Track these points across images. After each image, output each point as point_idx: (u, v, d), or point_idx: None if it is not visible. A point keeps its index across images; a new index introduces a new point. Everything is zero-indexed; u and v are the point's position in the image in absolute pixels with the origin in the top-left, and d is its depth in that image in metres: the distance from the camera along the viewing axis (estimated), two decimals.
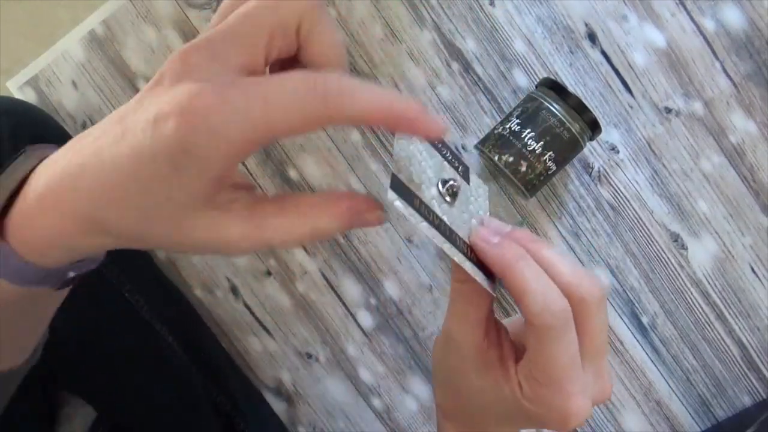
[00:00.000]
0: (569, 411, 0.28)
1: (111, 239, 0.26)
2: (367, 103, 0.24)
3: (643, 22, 0.65)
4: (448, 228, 0.29)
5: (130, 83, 0.67)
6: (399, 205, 0.26)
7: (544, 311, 0.27)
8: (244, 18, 0.25)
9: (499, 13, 0.66)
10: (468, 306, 0.30)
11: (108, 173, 0.24)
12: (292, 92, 0.23)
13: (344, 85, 0.24)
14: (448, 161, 0.32)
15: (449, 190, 0.30)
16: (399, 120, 0.25)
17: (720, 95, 0.65)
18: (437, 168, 0.31)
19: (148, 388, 0.58)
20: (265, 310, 0.69)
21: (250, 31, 0.25)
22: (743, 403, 0.67)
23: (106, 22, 0.66)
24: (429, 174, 0.30)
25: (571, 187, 0.66)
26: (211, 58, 0.24)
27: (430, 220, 0.28)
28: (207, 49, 0.24)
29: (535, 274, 0.28)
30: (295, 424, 0.70)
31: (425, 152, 0.31)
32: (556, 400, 0.28)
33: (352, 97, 0.24)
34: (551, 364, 0.27)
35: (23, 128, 0.55)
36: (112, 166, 0.24)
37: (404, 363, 0.69)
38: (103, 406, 0.58)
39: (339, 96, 0.23)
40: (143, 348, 0.58)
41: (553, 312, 0.27)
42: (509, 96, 0.66)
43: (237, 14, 0.25)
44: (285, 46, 0.26)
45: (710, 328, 0.67)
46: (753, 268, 0.66)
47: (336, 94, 0.23)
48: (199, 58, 0.24)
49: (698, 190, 0.66)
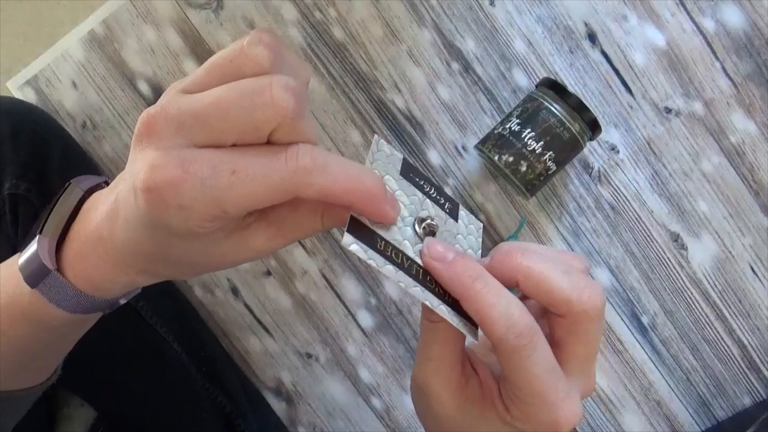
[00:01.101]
0: (559, 420, 0.27)
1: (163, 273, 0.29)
2: (336, 182, 0.24)
3: (643, 22, 0.65)
4: (422, 270, 0.27)
5: (130, 83, 0.67)
6: (356, 248, 0.25)
7: (508, 334, 0.25)
8: (217, 110, 0.23)
9: (499, 13, 0.66)
10: (444, 349, 0.28)
11: (122, 243, 0.26)
12: (262, 165, 0.23)
13: (316, 160, 0.23)
14: (431, 198, 0.30)
15: (426, 229, 0.28)
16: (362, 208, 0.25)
17: (720, 95, 0.65)
18: (416, 206, 0.29)
19: (148, 388, 0.58)
20: (265, 310, 0.69)
21: (221, 126, 0.23)
22: (743, 403, 0.67)
23: (106, 22, 0.66)
24: (404, 213, 0.28)
25: (571, 187, 0.66)
26: (176, 131, 0.23)
27: (398, 262, 0.26)
28: (175, 122, 0.23)
29: (493, 296, 0.26)
30: (295, 424, 0.70)
31: (401, 191, 0.29)
32: (544, 414, 0.27)
33: (323, 172, 0.23)
34: (528, 380, 0.26)
35: (23, 128, 0.55)
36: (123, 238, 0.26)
37: (404, 363, 0.69)
38: (103, 406, 0.58)
39: (310, 172, 0.23)
40: (143, 348, 0.58)
41: (517, 333, 0.25)
42: (509, 96, 0.66)
43: (214, 101, 0.23)
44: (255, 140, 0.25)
45: (710, 328, 0.67)
46: (753, 268, 0.66)
47: (307, 169, 0.23)
48: (164, 128, 0.24)
49: (698, 190, 0.66)
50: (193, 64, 0.67)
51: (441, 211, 0.31)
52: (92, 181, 0.32)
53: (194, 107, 0.23)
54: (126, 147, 0.67)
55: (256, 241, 0.27)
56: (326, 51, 0.66)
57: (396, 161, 0.30)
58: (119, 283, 0.29)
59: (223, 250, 0.27)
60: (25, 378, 0.35)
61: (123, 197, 0.25)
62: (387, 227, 0.27)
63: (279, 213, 0.27)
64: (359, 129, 0.67)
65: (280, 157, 0.23)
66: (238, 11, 0.66)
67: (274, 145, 0.24)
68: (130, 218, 0.25)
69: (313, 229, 0.28)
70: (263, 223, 0.27)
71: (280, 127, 0.23)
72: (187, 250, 0.26)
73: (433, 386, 0.29)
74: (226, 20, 0.66)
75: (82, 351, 0.38)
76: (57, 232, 0.29)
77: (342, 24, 0.66)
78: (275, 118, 0.23)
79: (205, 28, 0.66)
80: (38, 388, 0.36)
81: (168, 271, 0.29)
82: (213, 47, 0.67)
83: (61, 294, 0.29)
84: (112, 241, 0.27)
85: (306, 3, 0.66)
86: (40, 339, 0.32)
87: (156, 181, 0.22)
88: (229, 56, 0.24)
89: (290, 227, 0.27)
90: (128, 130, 0.67)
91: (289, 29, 0.66)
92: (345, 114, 0.67)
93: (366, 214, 0.26)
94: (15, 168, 0.53)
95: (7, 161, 0.53)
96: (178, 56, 0.67)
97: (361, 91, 0.67)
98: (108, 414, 0.58)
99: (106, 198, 0.28)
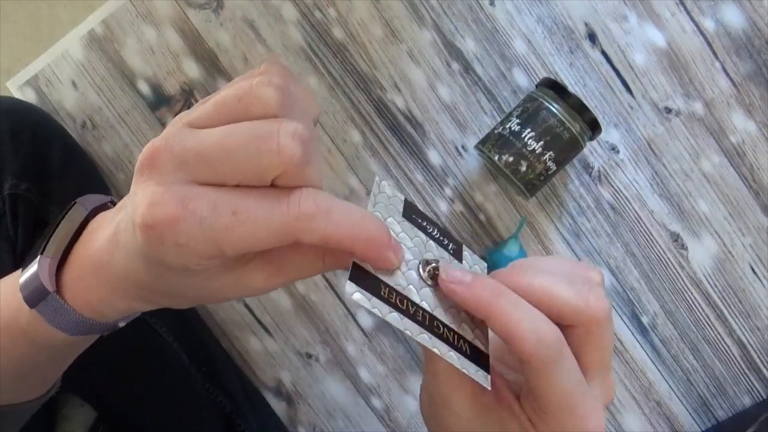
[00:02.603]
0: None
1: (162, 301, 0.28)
2: (339, 228, 0.23)
3: (643, 22, 0.65)
4: (428, 315, 0.26)
5: (130, 83, 0.67)
6: (359, 297, 0.24)
7: (539, 348, 0.25)
8: (222, 151, 0.23)
9: (499, 13, 0.66)
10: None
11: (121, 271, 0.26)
12: (264, 209, 0.23)
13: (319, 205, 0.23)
14: (434, 239, 0.30)
15: (431, 272, 0.28)
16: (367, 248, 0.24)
17: (720, 95, 0.65)
18: (419, 248, 0.29)
19: (148, 388, 0.58)
20: (265, 310, 0.69)
21: (225, 168, 0.23)
22: (743, 403, 0.67)
23: (106, 22, 0.66)
24: (408, 256, 0.27)
25: (571, 187, 0.66)
26: (179, 167, 0.23)
27: (403, 308, 0.25)
28: (179, 158, 0.23)
29: (519, 311, 0.25)
30: (295, 424, 0.70)
31: (404, 233, 0.28)
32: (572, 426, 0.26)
33: (325, 218, 0.23)
34: (558, 394, 0.26)
35: (23, 128, 0.55)
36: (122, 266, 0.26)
37: (404, 363, 0.69)
38: (102, 406, 0.58)
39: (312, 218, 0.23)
40: (143, 348, 0.58)
41: (548, 345, 0.25)
42: (509, 96, 0.66)
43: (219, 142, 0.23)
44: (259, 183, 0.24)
45: (710, 328, 0.67)
46: (753, 268, 0.66)
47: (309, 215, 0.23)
48: (167, 162, 0.23)
49: (698, 190, 0.66)
50: (193, 64, 0.67)
51: (445, 252, 0.30)
52: (98, 201, 0.31)
53: (198, 146, 0.23)
54: (126, 147, 0.67)
55: (254, 279, 0.27)
56: (326, 51, 0.66)
57: (398, 203, 0.30)
58: (117, 308, 0.28)
59: (221, 285, 0.26)
60: (24, 392, 0.35)
61: (123, 228, 0.25)
62: (391, 272, 0.26)
63: (280, 252, 0.26)
64: (359, 129, 0.67)
65: (283, 202, 0.23)
66: (238, 11, 0.66)
67: (277, 188, 0.23)
68: (129, 249, 0.25)
69: (315, 270, 0.27)
70: (263, 262, 0.26)
71: (284, 174, 0.23)
72: (184, 285, 0.26)
73: (446, 394, 0.28)
74: (226, 20, 0.66)
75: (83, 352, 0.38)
76: (59, 253, 0.29)
77: (342, 24, 0.66)
78: (280, 165, 0.23)
79: (205, 28, 0.66)
80: (38, 401, 0.36)
81: (165, 301, 0.28)
82: (213, 47, 0.67)
83: (59, 316, 0.29)
84: (111, 267, 0.27)
85: (306, 3, 0.66)
86: (40, 356, 0.32)
87: (154, 218, 0.22)
88: (237, 95, 0.24)
89: (290, 267, 0.27)
90: (128, 130, 0.67)
91: (289, 29, 0.66)
92: (345, 114, 0.67)
93: (369, 261, 0.25)
94: (15, 168, 0.53)
95: (7, 161, 0.53)
96: (178, 56, 0.67)
97: (361, 91, 0.67)
98: (108, 414, 0.58)
99: (110, 222, 0.28)
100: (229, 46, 0.67)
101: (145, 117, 0.67)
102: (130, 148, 0.67)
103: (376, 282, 0.25)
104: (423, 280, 0.27)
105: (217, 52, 0.67)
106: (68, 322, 0.29)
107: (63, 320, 0.29)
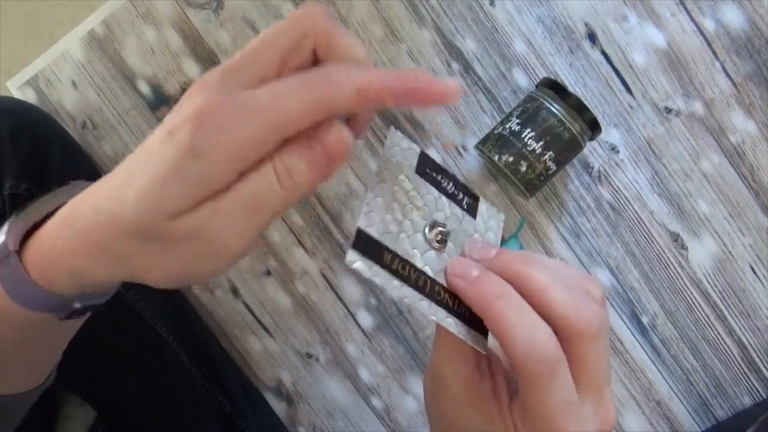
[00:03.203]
0: None
1: (114, 263, 0.26)
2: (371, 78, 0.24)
3: (643, 22, 0.65)
4: (430, 280, 0.26)
5: (130, 83, 0.67)
6: (360, 267, 0.24)
7: (530, 357, 0.24)
8: (256, 44, 0.26)
9: (499, 13, 0.66)
10: (457, 339, 0.28)
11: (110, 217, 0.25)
12: (298, 80, 0.24)
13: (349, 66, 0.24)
14: (448, 195, 0.29)
15: (437, 236, 0.27)
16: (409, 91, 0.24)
17: (720, 95, 0.65)
18: (430, 207, 0.28)
19: (147, 388, 0.58)
20: (265, 310, 0.69)
21: (261, 57, 0.26)
22: (743, 403, 0.67)
23: (106, 22, 0.66)
24: (415, 218, 0.27)
25: (571, 187, 0.66)
26: (223, 75, 0.25)
27: (405, 275, 0.25)
28: (219, 70, 0.25)
29: (517, 315, 0.25)
30: (295, 424, 0.70)
31: (415, 192, 0.27)
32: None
33: (356, 73, 0.24)
34: (544, 408, 0.25)
35: (23, 128, 0.55)
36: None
37: (404, 363, 0.69)
38: (102, 406, 0.58)
39: (342, 74, 0.24)
40: (143, 348, 0.58)
41: (539, 359, 0.24)
42: (509, 96, 0.66)
43: (250, 44, 0.26)
44: (301, 62, 0.27)
45: (710, 328, 0.67)
46: (753, 268, 0.66)
47: (339, 74, 0.24)
48: (212, 77, 0.25)
49: (698, 190, 0.66)
50: (193, 64, 0.67)
51: (458, 208, 0.29)
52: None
53: (234, 57, 0.26)
54: (126, 147, 0.67)
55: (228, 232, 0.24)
56: None
57: (413, 156, 0.29)
58: (66, 268, 0.27)
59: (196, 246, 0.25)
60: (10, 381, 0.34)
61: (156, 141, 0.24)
62: (396, 236, 0.26)
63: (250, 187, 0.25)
64: None
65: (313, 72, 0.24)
66: (238, 11, 0.66)
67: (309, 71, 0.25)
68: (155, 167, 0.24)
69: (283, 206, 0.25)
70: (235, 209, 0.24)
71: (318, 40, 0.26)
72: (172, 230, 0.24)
73: (445, 374, 0.28)
74: (226, 20, 0.66)
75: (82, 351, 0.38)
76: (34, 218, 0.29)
77: (342, 24, 0.66)
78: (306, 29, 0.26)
79: (205, 28, 0.66)
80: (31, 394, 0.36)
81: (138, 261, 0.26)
82: (213, 47, 0.67)
83: (12, 279, 0.28)
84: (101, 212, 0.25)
85: (306, 3, 0.66)
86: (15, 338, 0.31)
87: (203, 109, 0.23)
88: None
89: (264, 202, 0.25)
90: (128, 130, 0.67)
91: None
92: None
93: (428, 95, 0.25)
94: (15, 168, 0.53)
95: (7, 161, 0.53)
96: (178, 56, 0.67)
97: None
98: (108, 414, 0.58)
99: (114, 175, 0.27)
100: (229, 46, 0.67)
101: (145, 117, 0.67)
102: (130, 148, 0.67)
103: (380, 248, 0.25)
104: (428, 242, 0.27)
105: (217, 52, 0.67)
106: (19, 288, 0.28)
107: (15, 285, 0.28)
